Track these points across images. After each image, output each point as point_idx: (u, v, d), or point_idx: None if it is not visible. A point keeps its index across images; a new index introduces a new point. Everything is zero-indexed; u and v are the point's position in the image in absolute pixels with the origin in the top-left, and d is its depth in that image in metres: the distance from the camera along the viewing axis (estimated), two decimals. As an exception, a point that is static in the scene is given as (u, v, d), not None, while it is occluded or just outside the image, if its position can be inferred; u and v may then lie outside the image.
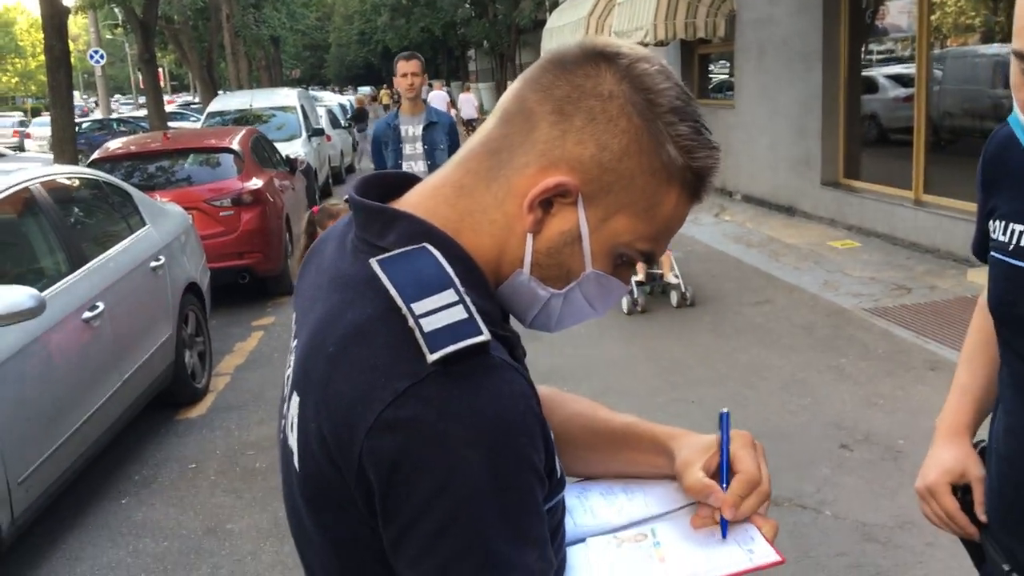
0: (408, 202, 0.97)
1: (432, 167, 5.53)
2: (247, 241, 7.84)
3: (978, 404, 1.55)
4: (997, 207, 1.41)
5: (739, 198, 11.96)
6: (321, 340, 0.89)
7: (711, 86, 14.33)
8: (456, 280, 0.86)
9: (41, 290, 3.98)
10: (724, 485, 1.02)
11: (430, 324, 0.82)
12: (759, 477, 1.02)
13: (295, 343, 1.01)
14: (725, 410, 1.06)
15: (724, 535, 1.02)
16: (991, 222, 1.43)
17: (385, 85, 50.03)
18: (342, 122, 20.37)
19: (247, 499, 4.39)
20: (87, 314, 4.34)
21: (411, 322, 0.83)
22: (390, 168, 5.48)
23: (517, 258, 0.93)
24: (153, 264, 5.38)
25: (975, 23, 8.37)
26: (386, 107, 41.30)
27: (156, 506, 4.41)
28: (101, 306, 4.49)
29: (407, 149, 5.75)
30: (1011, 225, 1.37)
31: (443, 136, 5.78)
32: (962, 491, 1.50)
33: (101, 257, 4.86)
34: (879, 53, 9.96)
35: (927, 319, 6.27)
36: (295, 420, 0.93)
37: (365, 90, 60.60)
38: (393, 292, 0.85)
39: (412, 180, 1.03)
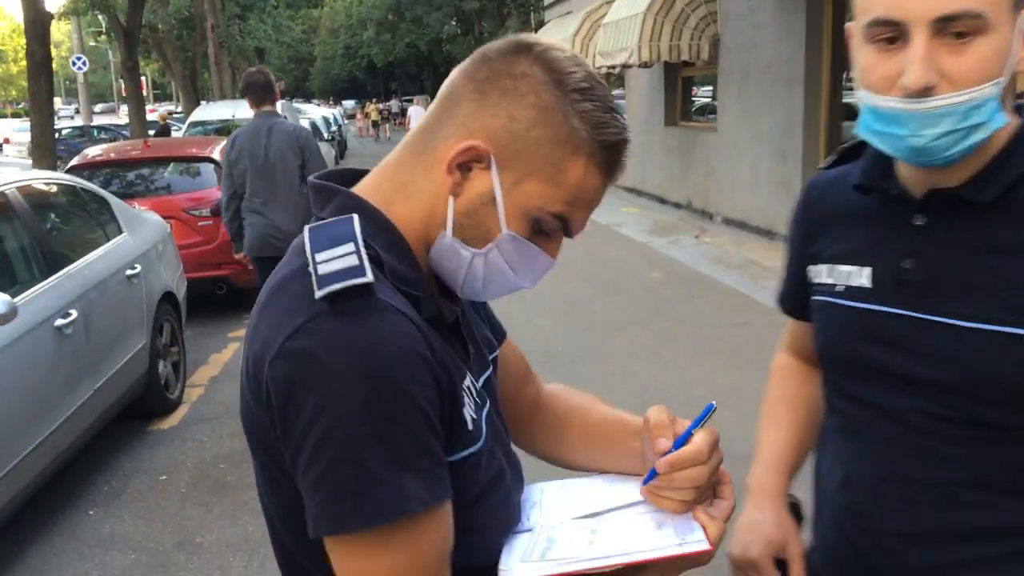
0: (362, 181, 1.13)
1: None
2: (225, 251, 7.74)
3: (790, 468, 1.50)
4: (820, 251, 1.40)
5: (719, 220, 12.01)
6: (259, 297, 1.06)
7: (694, 108, 14.41)
8: (359, 237, 0.99)
9: (13, 296, 3.92)
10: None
11: (324, 269, 0.96)
12: (705, 459, 1.10)
13: None
14: (713, 403, 1.16)
15: (645, 481, 1.12)
16: (811, 267, 1.41)
17: (374, 99, 49.37)
18: (325, 135, 20.38)
19: (217, 512, 4.32)
20: (60, 321, 4.28)
21: (311, 267, 0.97)
22: None
23: (443, 220, 1.06)
24: (129, 272, 5.33)
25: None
26: (375, 124, 40.54)
27: (125, 518, 4.34)
28: (74, 313, 4.43)
29: None
30: (836, 267, 1.35)
31: None
32: (778, 564, 1.41)
33: (76, 264, 4.80)
34: (860, 80, 10.06)
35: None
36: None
37: (349, 104, 60.37)
38: (308, 247, 0.99)
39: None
